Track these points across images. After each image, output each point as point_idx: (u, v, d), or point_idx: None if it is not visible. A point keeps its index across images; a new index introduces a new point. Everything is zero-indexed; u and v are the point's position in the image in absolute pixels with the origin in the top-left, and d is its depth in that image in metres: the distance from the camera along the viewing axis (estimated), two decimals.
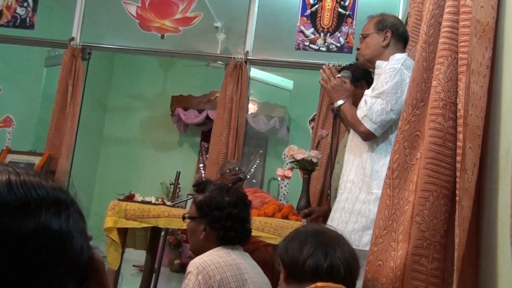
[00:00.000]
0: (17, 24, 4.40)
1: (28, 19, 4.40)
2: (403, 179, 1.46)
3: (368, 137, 2.10)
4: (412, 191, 1.39)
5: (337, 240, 1.35)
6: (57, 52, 4.81)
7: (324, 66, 2.36)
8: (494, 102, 1.32)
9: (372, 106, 2.07)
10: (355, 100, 2.32)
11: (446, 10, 1.38)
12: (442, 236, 1.33)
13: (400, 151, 1.47)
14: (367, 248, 1.65)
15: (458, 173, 1.26)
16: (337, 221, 2.13)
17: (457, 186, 1.26)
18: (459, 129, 1.27)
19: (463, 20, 1.32)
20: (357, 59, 2.38)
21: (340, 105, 2.24)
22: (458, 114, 1.29)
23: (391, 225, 1.44)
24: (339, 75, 2.34)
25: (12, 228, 0.47)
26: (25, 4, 4.41)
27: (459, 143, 1.27)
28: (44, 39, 4.49)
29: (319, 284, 1.25)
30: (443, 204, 1.33)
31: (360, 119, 2.09)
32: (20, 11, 4.40)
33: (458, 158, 1.27)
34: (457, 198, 1.24)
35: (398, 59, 2.11)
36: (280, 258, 1.39)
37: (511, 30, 1.27)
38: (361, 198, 2.09)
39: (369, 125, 2.06)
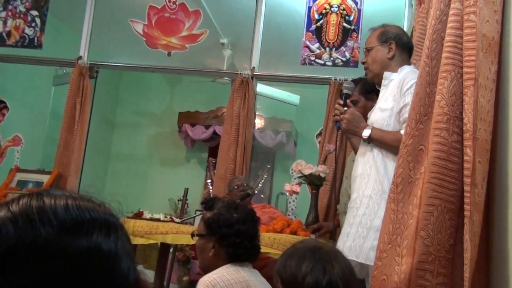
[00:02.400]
0: (25, 44, 4.46)
1: (36, 39, 4.46)
2: (407, 193, 1.45)
3: None
4: (416, 205, 1.39)
5: (334, 255, 1.35)
6: (64, 71, 4.87)
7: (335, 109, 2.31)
8: (501, 116, 1.32)
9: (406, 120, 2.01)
10: (365, 113, 2.30)
11: (449, 25, 1.38)
12: (448, 251, 1.32)
13: (404, 166, 1.47)
14: None
15: (467, 188, 1.26)
16: (353, 236, 2.07)
17: (467, 201, 1.25)
18: (466, 143, 1.26)
19: (467, 35, 1.33)
20: (366, 75, 2.36)
21: (370, 134, 2.13)
22: (464, 128, 1.29)
23: (395, 240, 1.44)
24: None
25: (68, 244, 0.52)
26: (33, 24, 4.48)
27: (466, 157, 1.27)
28: (52, 59, 4.54)
29: None
30: (448, 219, 1.32)
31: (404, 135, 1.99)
32: (28, 31, 4.47)
33: (467, 172, 1.26)
34: (467, 213, 1.23)
35: (412, 71, 2.06)
36: (278, 275, 1.38)
37: None
38: (380, 215, 2.01)
39: None
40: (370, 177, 2.13)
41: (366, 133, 2.13)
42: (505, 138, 1.28)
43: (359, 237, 2.04)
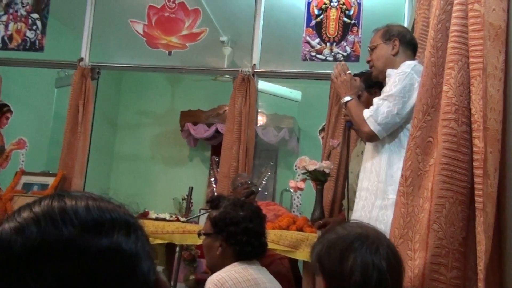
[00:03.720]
0: (27, 47, 4.45)
1: (37, 41, 4.45)
2: (417, 186, 1.44)
3: (370, 138, 2.10)
4: (427, 198, 1.37)
5: (381, 244, 1.22)
6: (66, 73, 4.86)
7: (337, 63, 2.38)
8: (509, 105, 1.31)
9: (378, 108, 2.07)
10: (368, 106, 2.32)
11: (454, 15, 1.37)
12: (461, 244, 1.31)
13: (412, 158, 1.46)
14: None
15: (479, 179, 1.24)
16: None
17: (479, 192, 1.24)
18: (476, 134, 1.25)
19: (472, 24, 1.31)
20: (371, 72, 2.38)
21: (347, 101, 2.25)
22: (472, 118, 1.28)
23: (407, 234, 1.42)
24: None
25: (89, 244, 0.53)
26: (34, 27, 4.47)
27: (475, 149, 1.26)
28: (53, 61, 4.54)
29: None
30: (460, 211, 1.31)
31: (365, 119, 2.09)
32: (29, 34, 4.46)
33: (477, 163, 1.25)
34: (479, 205, 1.21)
35: (409, 64, 2.11)
36: (319, 262, 1.27)
37: None
38: (377, 204, 2.07)
39: (373, 126, 2.06)
40: (367, 170, 2.18)
41: (346, 98, 2.26)
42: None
43: None
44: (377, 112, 2.06)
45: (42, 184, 3.93)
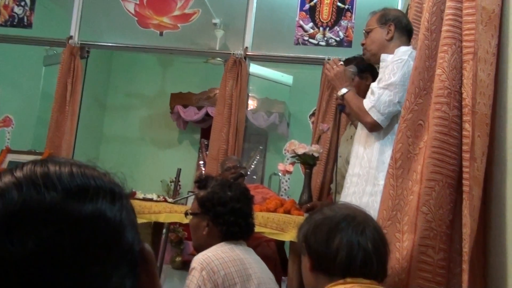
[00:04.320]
0: (14, 23, 4.37)
1: (25, 18, 4.37)
2: (406, 169, 1.44)
3: (374, 128, 2.09)
4: (416, 181, 1.37)
5: (367, 225, 1.24)
6: (55, 51, 4.79)
7: (328, 60, 2.37)
8: (500, 90, 1.31)
9: (380, 97, 2.06)
10: (359, 92, 2.31)
11: None
12: (448, 227, 1.31)
13: (403, 141, 1.45)
14: None
15: (466, 163, 1.24)
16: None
17: (466, 176, 1.24)
18: (466, 118, 1.25)
19: (467, 8, 1.30)
20: (364, 55, 2.37)
21: (344, 94, 2.24)
22: (463, 102, 1.28)
23: (395, 216, 1.43)
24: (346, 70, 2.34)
25: (73, 209, 0.52)
26: (23, 3, 4.39)
27: (465, 132, 1.25)
28: (42, 38, 4.46)
29: (348, 279, 1.18)
30: (448, 194, 1.31)
31: (367, 109, 2.08)
32: (17, 10, 4.38)
33: (466, 147, 1.25)
34: (466, 189, 1.22)
35: (405, 51, 2.10)
36: (305, 241, 1.28)
37: None
38: (367, 191, 2.08)
39: (376, 116, 2.05)
40: (359, 156, 2.18)
41: (343, 91, 2.25)
42: (504, 111, 1.26)
43: None
44: (379, 102, 2.05)
45: None
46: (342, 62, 2.35)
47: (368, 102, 2.10)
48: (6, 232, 0.49)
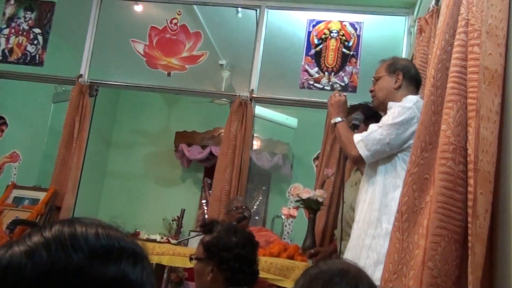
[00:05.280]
0: (27, 61, 4.47)
1: (37, 56, 4.48)
2: (413, 222, 1.45)
3: (357, 161, 2.15)
4: (422, 235, 1.38)
5: (360, 279, 1.24)
6: (64, 88, 4.87)
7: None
8: (504, 147, 1.33)
9: (371, 134, 2.10)
10: None
11: (454, 56, 1.40)
12: (454, 283, 1.31)
13: (409, 194, 1.47)
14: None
15: (470, 219, 1.26)
16: (349, 259, 2.10)
17: (469, 232, 1.25)
18: (470, 174, 1.27)
19: (471, 66, 1.35)
20: (372, 102, 2.42)
21: (337, 122, 2.31)
22: (468, 159, 1.30)
23: (401, 270, 1.43)
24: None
25: (98, 271, 0.54)
26: (35, 42, 4.50)
27: (470, 189, 1.27)
28: (52, 76, 4.55)
29: None
30: (454, 250, 1.32)
31: (355, 142, 2.12)
32: (30, 48, 4.48)
33: (470, 203, 1.27)
34: (469, 245, 1.23)
35: (411, 99, 2.14)
36: None
37: None
38: (370, 233, 2.07)
39: (362, 151, 2.09)
40: (365, 202, 2.18)
41: (335, 120, 2.33)
42: (508, 169, 1.28)
43: (353, 259, 2.05)
44: (369, 138, 2.09)
45: (33, 199, 3.90)
46: (345, 94, 2.45)
47: (358, 136, 2.14)
48: None
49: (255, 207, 6.36)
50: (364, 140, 2.09)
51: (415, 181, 1.46)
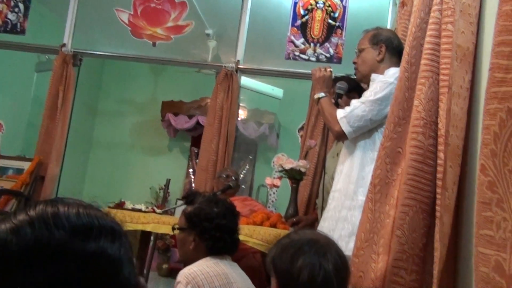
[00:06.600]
0: (7, 29, 4.40)
1: (19, 24, 4.41)
2: (384, 193, 1.51)
3: (340, 137, 2.19)
4: (393, 205, 1.45)
5: (329, 248, 1.35)
6: (47, 57, 4.82)
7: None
8: (472, 123, 1.38)
9: (354, 110, 2.13)
10: None
11: (428, 33, 1.44)
12: (421, 250, 1.39)
13: (382, 167, 1.53)
14: None
15: (439, 190, 1.32)
16: (325, 229, 2.16)
17: (438, 202, 1.32)
18: (440, 147, 1.32)
19: (444, 44, 1.38)
20: (355, 74, 2.43)
21: (321, 97, 2.34)
22: (438, 133, 1.35)
23: (372, 238, 1.50)
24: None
25: (78, 247, 0.59)
26: (16, 10, 4.42)
27: (440, 161, 1.33)
28: (35, 45, 4.49)
29: None
30: (422, 219, 1.39)
31: (338, 118, 2.16)
32: (11, 16, 4.41)
33: (439, 175, 1.32)
34: (438, 214, 1.29)
35: (393, 73, 2.13)
36: (273, 264, 1.39)
37: (489, 55, 1.33)
38: (346, 205, 2.13)
39: (345, 127, 2.13)
40: (342, 172, 2.24)
41: (319, 95, 2.36)
42: (475, 144, 1.34)
43: (329, 230, 2.13)
44: (351, 114, 2.13)
45: (18, 169, 3.92)
46: (331, 69, 2.45)
47: (341, 112, 2.17)
48: (19, 265, 0.56)
49: (241, 175, 6.43)
50: (347, 117, 2.13)
51: (388, 154, 1.51)
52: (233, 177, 3.60)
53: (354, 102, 2.16)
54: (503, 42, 0.85)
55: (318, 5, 4.10)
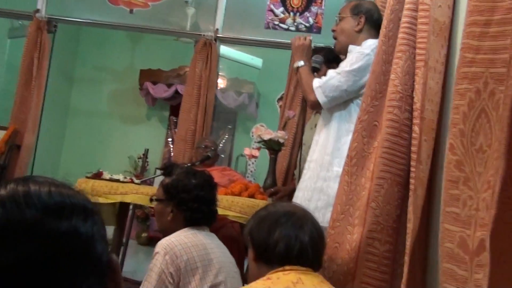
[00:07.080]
0: None
1: None
2: (361, 166, 1.54)
3: (315, 106, 2.21)
4: (368, 178, 1.47)
5: (306, 220, 1.39)
6: (20, 23, 4.68)
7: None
8: (447, 97, 1.40)
9: (329, 80, 2.15)
10: None
11: (406, 6, 1.44)
12: (395, 221, 1.42)
13: (358, 140, 1.55)
14: None
15: (413, 163, 1.35)
16: (300, 199, 2.20)
17: (412, 175, 1.34)
18: (415, 121, 1.35)
19: (421, 17, 1.39)
20: (334, 47, 2.43)
21: (300, 66, 2.34)
22: (414, 107, 1.37)
23: (348, 210, 1.53)
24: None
25: (50, 226, 0.58)
26: None
27: (414, 135, 1.35)
28: (7, 10, 4.34)
29: (287, 267, 1.31)
30: (396, 191, 1.42)
31: (314, 88, 2.17)
32: None
33: (414, 149, 1.35)
34: (412, 187, 1.32)
35: (370, 45, 2.14)
36: (250, 236, 1.43)
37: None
38: (321, 176, 2.16)
39: (320, 97, 2.15)
40: (318, 143, 2.25)
41: (300, 63, 2.36)
42: (448, 118, 1.36)
43: (304, 200, 2.17)
44: (327, 84, 2.14)
45: None
46: (311, 38, 2.45)
47: (316, 82, 2.19)
48: None
49: (221, 145, 6.44)
50: (323, 87, 2.14)
51: (364, 127, 1.53)
52: (211, 148, 3.61)
53: (330, 72, 2.17)
54: (474, 23, 0.86)
55: None
